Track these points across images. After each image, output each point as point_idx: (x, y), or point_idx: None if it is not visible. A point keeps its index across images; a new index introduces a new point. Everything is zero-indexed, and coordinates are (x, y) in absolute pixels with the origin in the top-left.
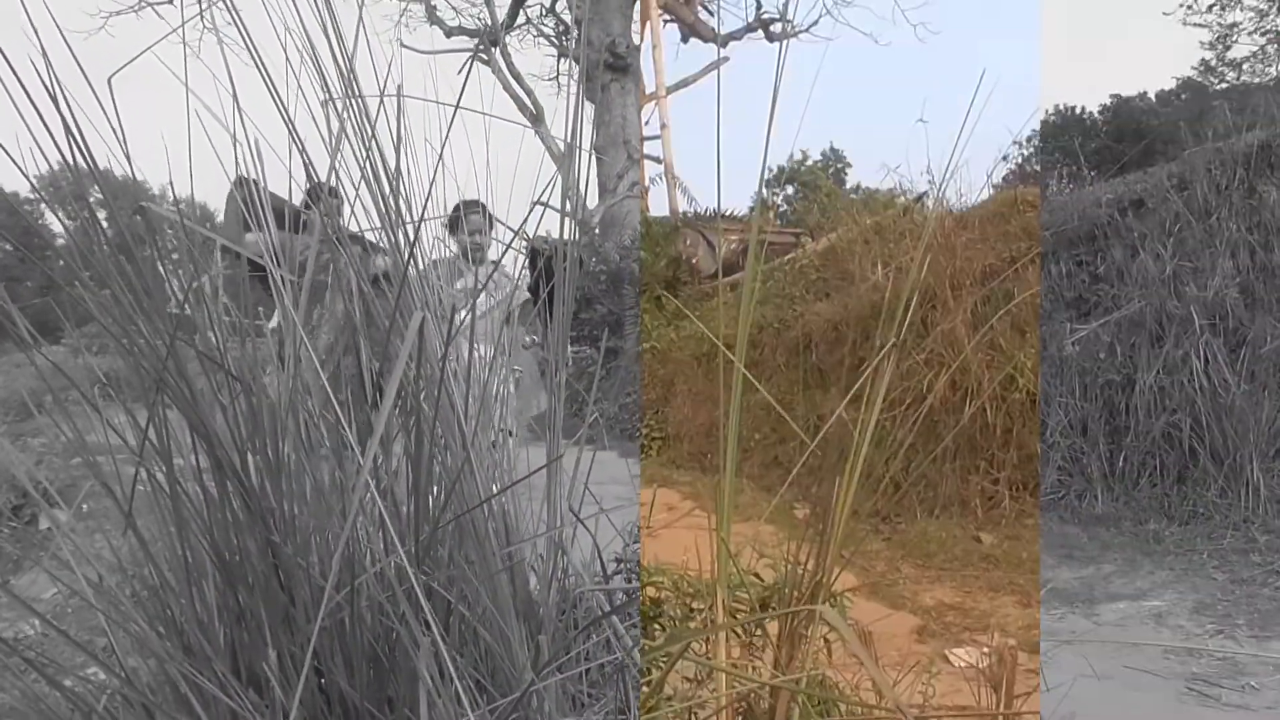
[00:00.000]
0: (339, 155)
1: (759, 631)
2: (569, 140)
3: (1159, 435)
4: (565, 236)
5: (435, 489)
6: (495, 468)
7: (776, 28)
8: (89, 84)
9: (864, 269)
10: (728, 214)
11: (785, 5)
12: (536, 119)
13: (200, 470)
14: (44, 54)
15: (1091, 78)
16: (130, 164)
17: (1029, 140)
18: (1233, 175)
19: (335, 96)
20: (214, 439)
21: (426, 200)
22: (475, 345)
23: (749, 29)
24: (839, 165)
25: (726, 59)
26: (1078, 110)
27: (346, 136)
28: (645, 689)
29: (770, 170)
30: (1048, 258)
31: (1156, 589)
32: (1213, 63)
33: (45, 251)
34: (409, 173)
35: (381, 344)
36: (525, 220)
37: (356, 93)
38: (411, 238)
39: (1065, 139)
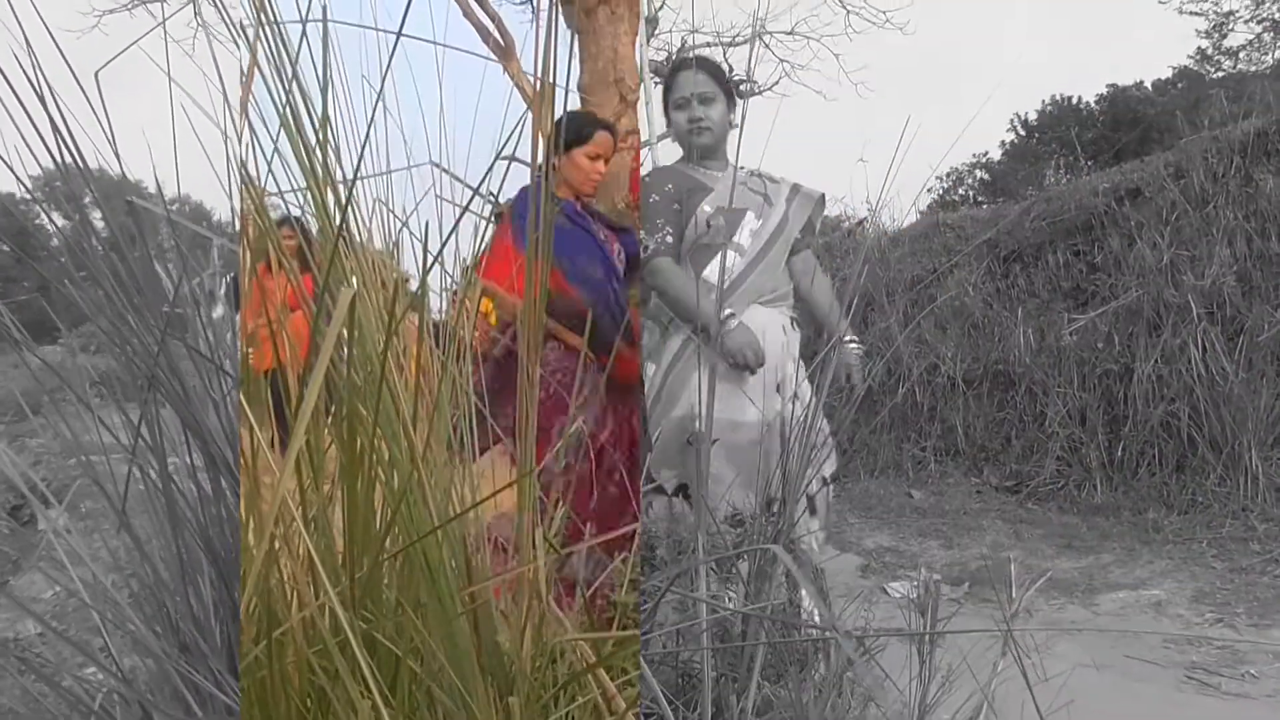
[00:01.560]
0: (251, 95)
1: (733, 570)
2: (542, 76)
3: (1157, 424)
4: (541, 196)
5: (377, 515)
6: (453, 486)
7: (744, 87)
8: (78, 84)
9: None
10: None
11: (750, 68)
12: (504, 52)
13: (194, 467)
14: (30, 51)
15: (1088, 67)
16: (120, 162)
17: (947, 175)
18: (1229, 164)
19: (246, 23)
20: (207, 435)
21: (361, 151)
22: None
23: None
24: None
25: None
26: (1074, 100)
27: (260, 72)
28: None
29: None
30: (1045, 247)
31: (1156, 578)
32: (1209, 51)
33: (40, 252)
34: (340, 117)
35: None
36: (486, 177)
37: (272, 18)
38: (344, 198)
39: (1062, 128)
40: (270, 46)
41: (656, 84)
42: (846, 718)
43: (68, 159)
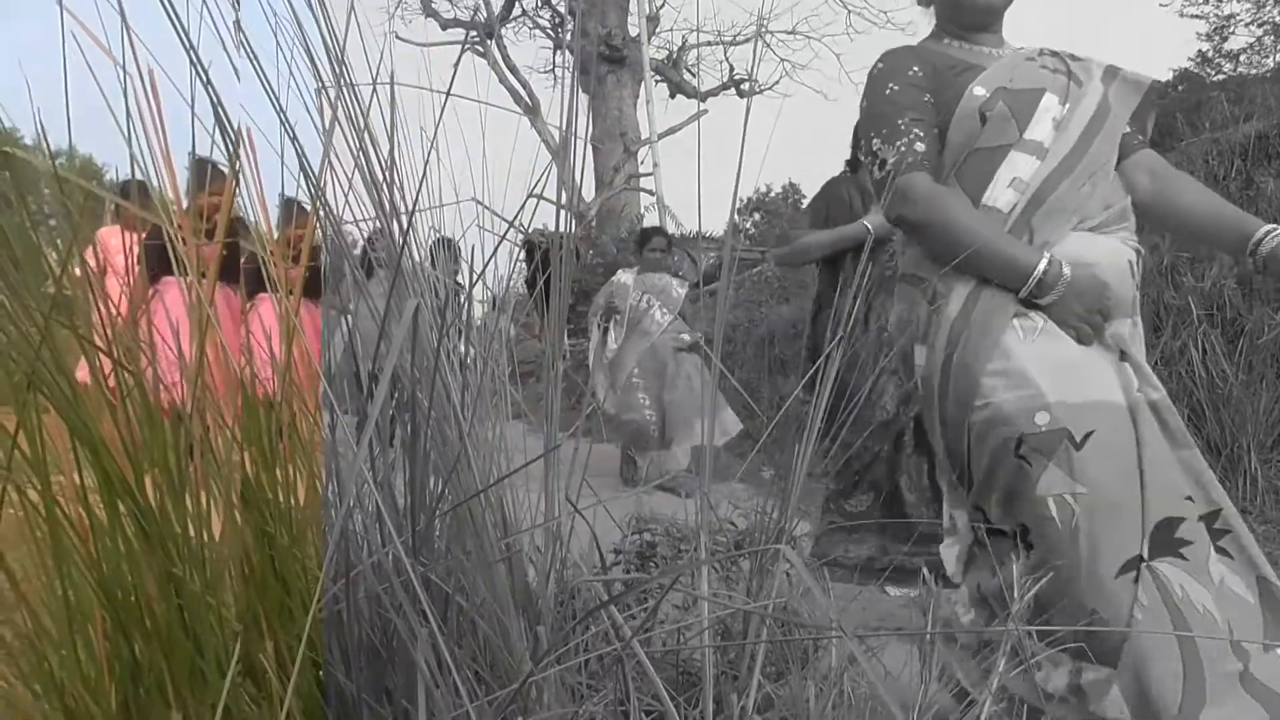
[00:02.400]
0: (331, 143)
1: (734, 567)
2: (564, 130)
3: None
4: (561, 229)
5: (432, 480)
6: (492, 459)
7: (746, 86)
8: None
9: (815, 279)
10: (707, 235)
11: (753, 68)
12: (532, 111)
13: (84, 488)
14: None
15: None
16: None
17: None
18: (1230, 166)
19: (328, 84)
20: (101, 448)
21: (419, 188)
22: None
23: (724, 87)
24: (796, 196)
25: (706, 111)
26: None
27: (339, 124)
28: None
29: (741, 200)
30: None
31: None
32: (1210, 54)
33: None
34: (402, 163)
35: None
36: (519, 213)
37: (349, 80)
38: (405, 226)
39: None
40: (348, 103)
41: (658, 82)
42: (847, 716)
43: None
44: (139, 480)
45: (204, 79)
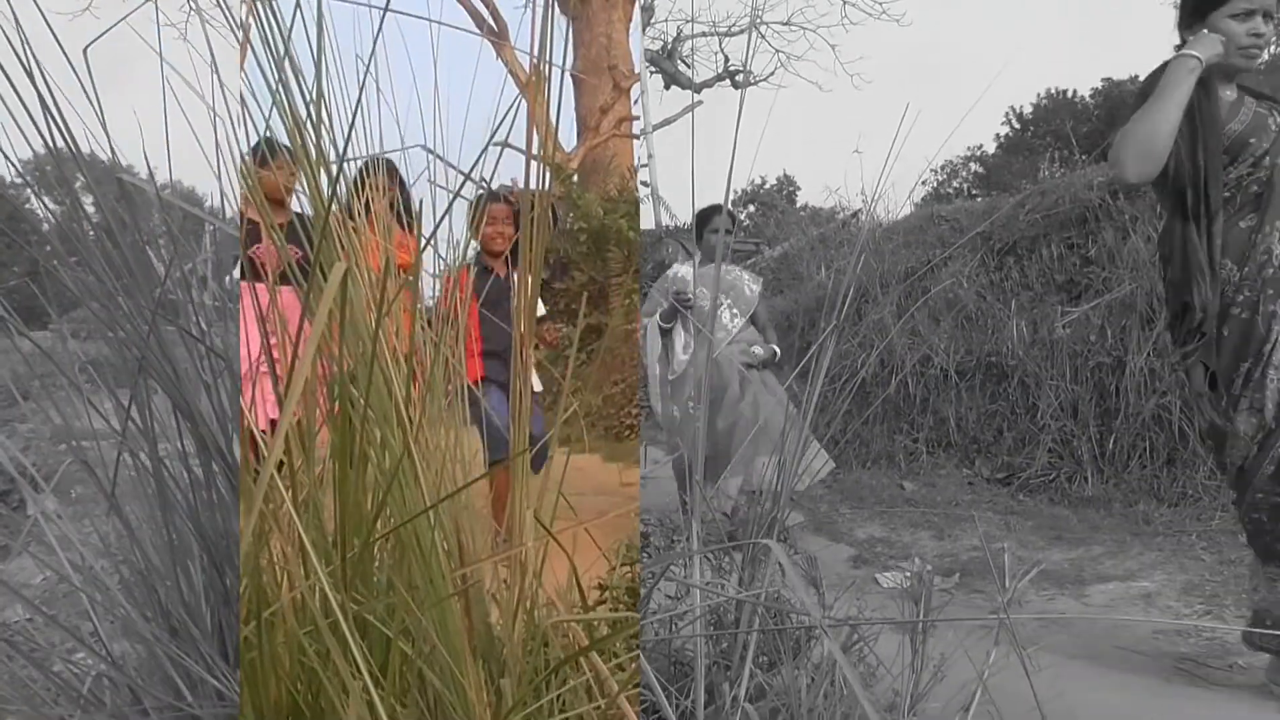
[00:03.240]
0: (244, 69)
1: (727, 558)
2: (536, 60)
3: (1149, 417)
4: (533, 184)
5: (369, 497)
6: (445, 469)
7: (740, 77)
8: (70, 65)
9: (810, 270)
10: None
11: (747, 59)
12: (497, 35)
13: (185, 452)
14: (20, 32)
15: (1083, 60)
16: (112, 144)
17: (941, 168)
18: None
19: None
20: (198, 419)
21: (349, 131)
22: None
23: (718, 78)
24: (791, 188)
25: (700, 102)
26: (1069, 93)
27: (252, 48)
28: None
29: (735, 192)
30: (1039, 240)
31: (1146, 570)
32: None
33: (31, 236)
34: (333, 98)
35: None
36: (479, 162)
37: None
38: (334, 176)
39: (1057, 122)
40: (263, 23)
41: (652, 74)
42: (838, 706)
43: (59, 142)
44: (228, 444)
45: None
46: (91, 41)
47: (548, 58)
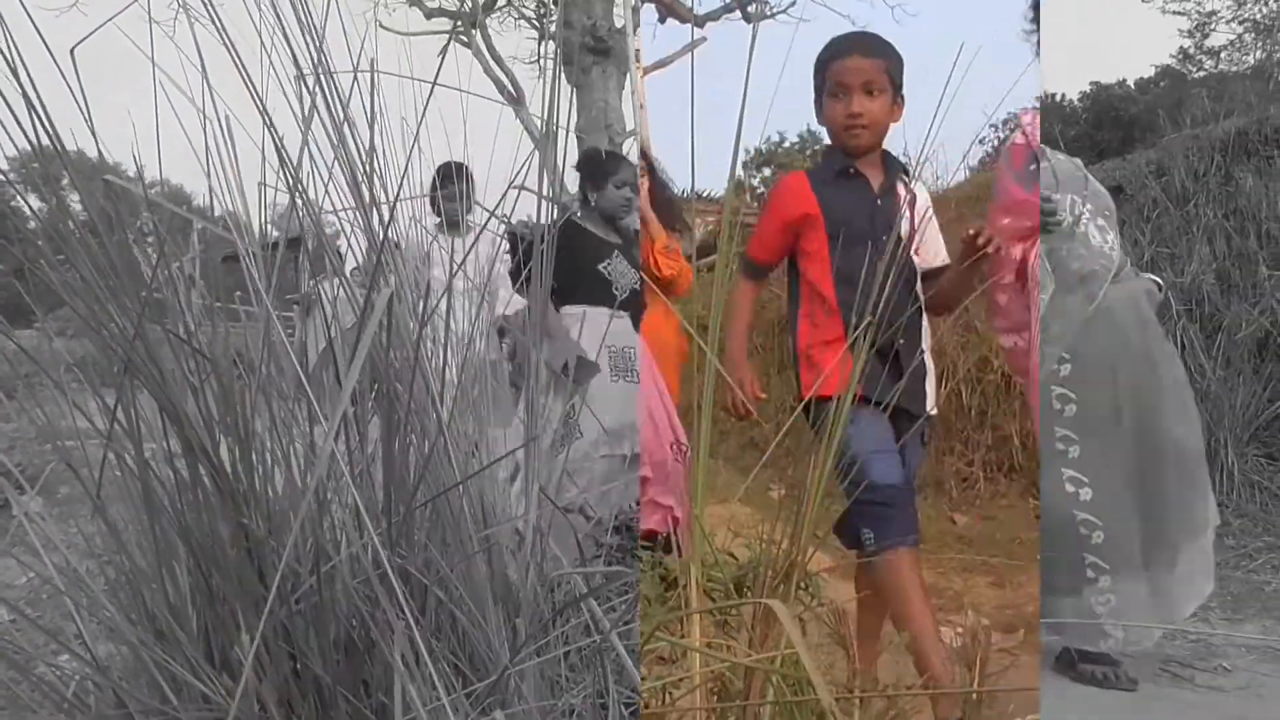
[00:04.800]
0: (310, 131)
1: (734, 611)
2: (547, 120)
3: None
4: (543, 220)
5: (410, 472)
6: (472, 450)
7: (753, 8)
8: (55, 63)
9: None
10: (704, 194)
11: None
12: (516, 101)
13: (171, 453)
14: (4, 29)
15: (1071, 65)
16: (99, 143)
17: (1005, 124)
18: (1210, 162)
19: (306, 72)
20: (184, 420)
21: (402, 179)
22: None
23: (726, 9)
24: (816, 147)
25: (704, 39)
26: (1057, 97)
27: (318, 112)
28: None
29: (747, 152)
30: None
31: None
32: (1191, 51)
33: (16, 234)
34: (384, 152)
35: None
36: (500, 202)
37: (329, 69)
38: (386, 217)
39: (1045, 126)
40: (328, 91)
41: (643, 1)
42: None
43: (44, 140)
44: (214, 446)
45: (268, 122)
46: (79, 41)
47: (555, 119)
